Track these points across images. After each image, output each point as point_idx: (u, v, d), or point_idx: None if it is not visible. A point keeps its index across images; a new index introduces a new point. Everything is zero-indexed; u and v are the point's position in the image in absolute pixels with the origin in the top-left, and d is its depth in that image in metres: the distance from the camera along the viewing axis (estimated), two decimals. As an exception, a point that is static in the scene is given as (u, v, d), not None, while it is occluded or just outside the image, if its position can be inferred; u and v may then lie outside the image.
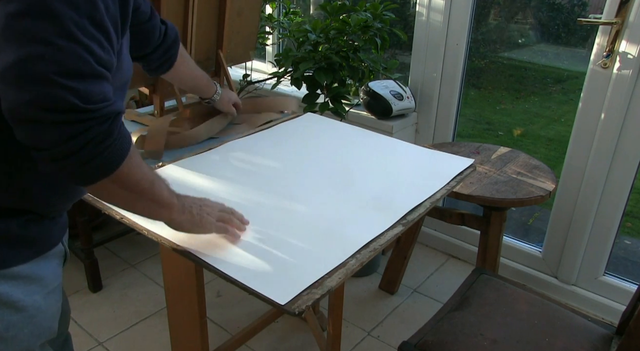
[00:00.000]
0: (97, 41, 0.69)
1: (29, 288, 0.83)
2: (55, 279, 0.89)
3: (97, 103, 0.70)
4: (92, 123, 0.70)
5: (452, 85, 2.15)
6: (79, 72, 0.67)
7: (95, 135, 0.70)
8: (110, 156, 0.73)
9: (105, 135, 0.71)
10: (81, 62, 0.67)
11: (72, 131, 0.68)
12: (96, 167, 0.73)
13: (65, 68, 0.66)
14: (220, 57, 1.77)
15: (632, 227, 2.54)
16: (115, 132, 0.73)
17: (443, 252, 2.41)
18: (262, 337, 1.85)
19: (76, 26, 0.67)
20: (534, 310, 1.31)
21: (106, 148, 0.72)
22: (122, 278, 2.18)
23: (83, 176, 0.73)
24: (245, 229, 0.99)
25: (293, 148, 1.36)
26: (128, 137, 0.77)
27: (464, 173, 1.28)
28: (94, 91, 0.69)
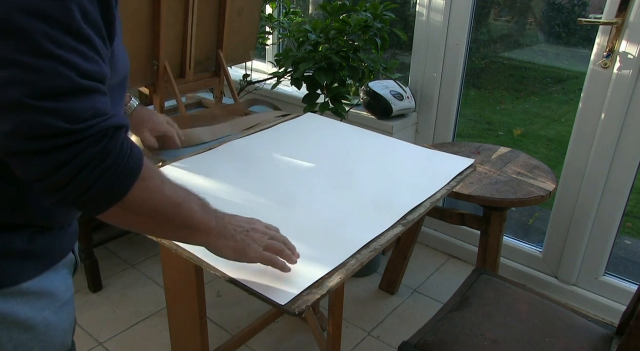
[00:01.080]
0: (79, 52, 0.61)
1: (39, 303, 0.77)
2: (67, 291, 0.84)
3: (87, 121, 0.61)
4: (84, 145, 0.61)
5: (452, 85, 2.15)
6: (58, 90, 0.59)
7: (91, 157, 0.62)
8: (113, 180, 0.64)
9: (102, 156, 0.62)
10: (60, 79, 0.59)
11: (62, 157, 0.60)
12: (99, 195, 0.64)
13: (40, 88, 0.58)
14: (220, 57, 1.77)
15: (632, 227, 2.54)
16: (115, 151, 0.64)
17: (443, 252, 2.41)
18: (262, 337, 1.85)
19: (48, 39, 0.58)
20: (534, 310, 1.31)
21: (106, 171, 0.63)
22: (122, 278, 2.18)
23: (88, 206, 0.65)
24: (296, 262, 0.89)
25: (293, 149, 1.36)
26: (137, 155, 0.67)
27: (464, 173, 1.28)
28: (81, 108, 0.61)
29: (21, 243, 0.74)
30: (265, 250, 0.85)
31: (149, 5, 1.51)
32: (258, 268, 0.88)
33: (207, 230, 0.79)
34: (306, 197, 1.12)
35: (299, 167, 1.26)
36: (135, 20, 1.49)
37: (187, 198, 0.76)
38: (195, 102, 1.94)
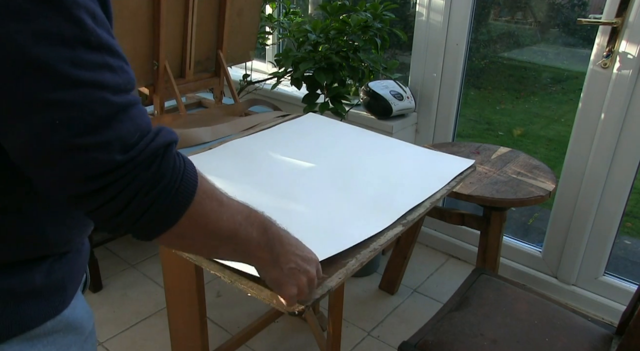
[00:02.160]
0: (106, 66, 0.54)
1: (65, 341, 0.71)
2: (90, 319, 0.77)
3: (136, 145, 0.55)
4: (137, 171, 0.55)
5: (452, 85, 2.15)
6: (100, 119, 0.52)
7: (143, 183, 0.55)
8: (167, 202, 0.57)
9: (155, 180, 0.56)
10: (99, 105, 0.52)
11: (117, 188, 0.54)
12: (154, 219, 0.58)
13: (83, 124, 0.51)
14: (220, 57, 1.77)
15: (632, 227, 2.54)
16: (168, 172, 0.57)
17: (443, 252, 2.41)
18: (262, 337, 1.85)
19: (72, 64, 0.50)
20: (534, 310, 1.31)
21: (160, 195, 0.56)
22: (122, 278, 2.18)
23: (142, 232, 0.59)
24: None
25: (294, 148, 1.36)
26: (191, 172, 0.60)
27: (464, 174, 1.28)
28: (127, 132, 0.54)
29: (42, 278, 0.66)
30: (298, 294, 0.78)
31: (149, 5, 1.51)
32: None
33: (258, 259, 0.73)
34: (306, 197, 1.12)
35: (300, 167, 1.26)
36: (135, 20, 1.49)
37: (245, 222, 0.68)
38: (195, 102, 1.94)
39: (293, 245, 0.76)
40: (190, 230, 0.61)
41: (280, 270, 0.75)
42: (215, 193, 0.64)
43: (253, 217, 0.70)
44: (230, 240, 0.67)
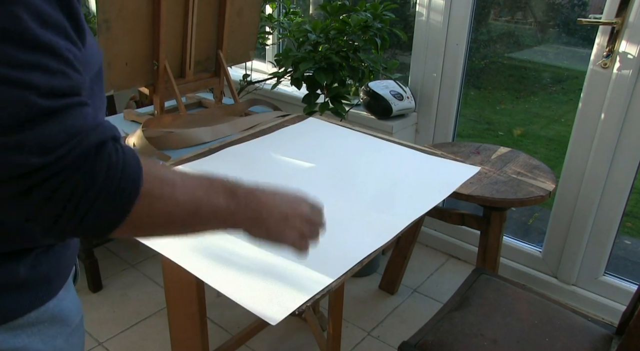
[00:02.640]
0: (38, 67, 0.52)
1: (50, 332, 0.71)
2: (78, 313, 0.78)
3: (60, 147, 0.52)
4: (64, 175, 0.53)
5: (452, 85, 2.15)
6: (18, 120, 0.50)
7: (74, 186, 0.53)
8: (108, 202, 0.56)
9: (88, 181, 0.54)
10: (19, 106, 0.50)
11: (43, 193, 0.53)
12: (98, 221, 0.56)
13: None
14: (220, 57, 1.77)
15: (632, 227, 2.54)
16: (102, 171, 0.55)
17: (443, 252, 2.41)
18: (262, 337, 1.85)
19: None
20: (534, 310, 1.31)
21: (98, 196, 0.55)
22: (122, 278, 2.18)
23: (91, 233, 0.58)
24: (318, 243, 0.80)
25: (295, 156, 1.34)
26: (132, 167, 0.58)
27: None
28: (49, 135, 0.52)
29: (26, 271, 0.66)
30: (301, 238, 0.75)
31: (149, 5, 1.51)
32: (253, 284, 0.87)
33: (234, 222, 0.69)
34: None
35: (301, 175, 1.25)
36: (135, 21, 1.50)
37: (207, 194, 0.65)
38: (195, 102, 1.94)
39: (272, 194, 0.72)
40: (146, 219, 0.60)
41: (267, 224, 0.71)
42: (165, 178, 0.62)
43: (216, 186, 0.67)
44: (195, 216, 0.64)
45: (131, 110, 1.77)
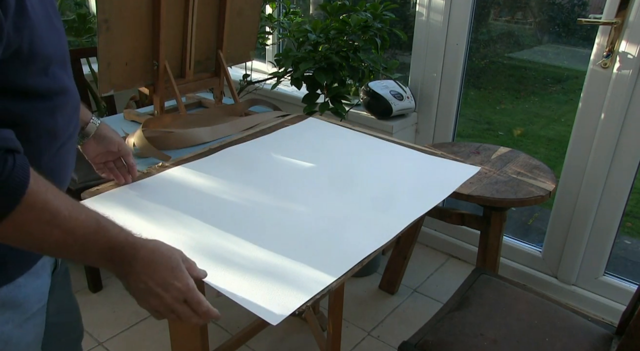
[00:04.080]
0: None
1: (1, 317, 0.72)
2: (39, 300, 0.78)
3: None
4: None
5: (452, 85, 2.15)
6: None
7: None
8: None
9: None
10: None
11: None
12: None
13: None
14: (220, 57, 1.77)
15: (632, 227, 2.54)
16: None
17: (443, 252, 2.41)
18: (262, 337, 1.85)
19: None
20: (534, 310, 1.31)
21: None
22: (122, 278, 2.18)
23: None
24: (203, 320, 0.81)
25: (295, 156, 1.33)
26: (13, 186, 0.59)
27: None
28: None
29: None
30: (157, 312, 0.77)
31: (149, 5, 1.51)
32: (254, 285, 0.87)
33: (105, 268, 0.73)
34: (308, 207, 1.10)
35: (302, 176, 1.25)
36: (135, 20, 1.50)
37: (86, 238, 0.67)
38: (195, 102, 1.94)
39: (151, 268, 0.73)
40: (12, 236, 0.62)
41: (128, 285, 0.74)
42: (49, 205, 0.63)
43: (101, 234, 0.69)
44: (63, 250, 0.67)
45: (131, 110, 1.77)
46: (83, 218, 0.67)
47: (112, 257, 0.71)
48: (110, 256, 0.71)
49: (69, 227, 0.65)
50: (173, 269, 0.75)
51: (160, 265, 0.74)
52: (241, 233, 0.99)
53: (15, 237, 0.62)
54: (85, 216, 0.68)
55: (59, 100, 0.73)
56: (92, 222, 0.69)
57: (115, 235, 0.71)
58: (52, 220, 0.63)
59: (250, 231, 1.00)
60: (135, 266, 0.72)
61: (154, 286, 0.73)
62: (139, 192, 1.09)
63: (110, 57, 1.49)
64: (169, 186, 1.14)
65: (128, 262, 0.72)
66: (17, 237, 0.62)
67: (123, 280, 0.74)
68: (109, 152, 1.04)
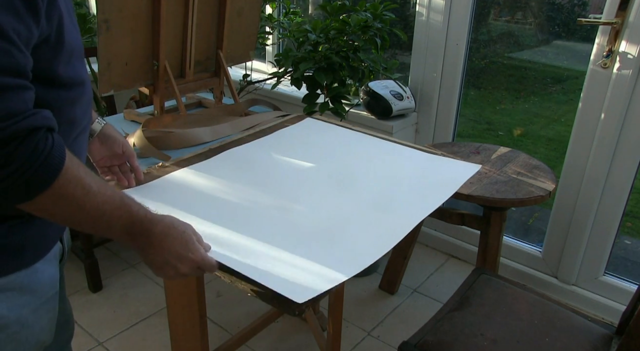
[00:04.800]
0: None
1: (19, 301, 0.76)
2: (53, 286, 0.82)
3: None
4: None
5: (452, 85, 2.15)
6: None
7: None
8: (17, 185, 0.61)
9: (6, 161, 0.60)
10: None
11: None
12: (5, 195, 0.63)
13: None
14: (220, 57, 1.77)
15: (632, 227, 2.54)
16: (22, 156, 0.60)
17: (443, 252, 2.41)
18: (262, 337, 1.85)
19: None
20: (534, 310, 1.31)
21: (9, 176, 0.61)
22: (122, 278, 2.18)
23: (1, 197, 0.63)
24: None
25: (296, 157, 1.33)
26: (54, 160, 0.64)
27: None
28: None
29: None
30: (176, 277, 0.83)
31: (149, 5, 1.51)
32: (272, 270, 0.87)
33: (125, 243, 0.79)
34: (313, 208, 1.09)
35: (303, 176, 1.24)
36: (135, 21, 1.49)
37: (111, 213, 0.73)
38: (195, 102, 1.94)
39: (167, 242, 0.79)
40: (51, 207, 0.67)
41: (146, 257, 0.80)
42: (83, 181, 0.69)
43: (124, 210, 0.75)
44: (92, 223, 0.73)
45: (131, 110, 1.77)
46: (109, 194, 0.73)
47: (133, 231, 0.77)
48: (131, 230, 0.77)
49: (98, 201, 0.71)
50: (187, 242, 0.82)
51: (175, 239, 0.80)
52: (252, 233, 0.99)
53: (52, 209, 0.68)
54: (111, 192, 0.74)
55: (78, 91, 0.77)
56: (117, 197, 0.75)
57: (136, 211, 0.77)
58: (85, 194, 0.69)
59: (262, 231, 0.99)
60: (154, 241, 0.78)
61: (170, 259, 0.80)
62: (140, 196, 1.09)
63: (110, 57, 1.49)
64: (170, 189, 1.14)
65: (147, 236, 0.78)
66: (55, 208, 0.68)
67: (141, 253, 0.80)
68: (113, 155, 1.06)
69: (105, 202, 0.72)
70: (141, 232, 0.78)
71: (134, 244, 0.79)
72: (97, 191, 0.71)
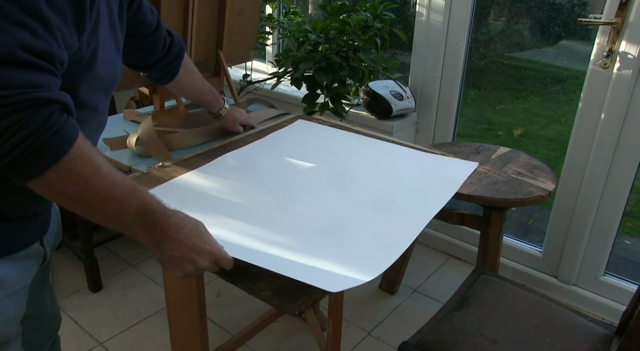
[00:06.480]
0: (29, 28, 0.63)
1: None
2: (20, 280, 0.84)
3: (16, 89, 0.62)
4: (6, 110, 0.61)
5: (452, 85, 2.15)
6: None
7: (9, 124, 0.61)
8: (29, 153, 0.63)
9: (21, 125, 0.62)
10: (1, 48, 0.61)
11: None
12: (16, 165, 0.64)
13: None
14: (220, 57, 1.77)
15: (632, 227, 2.54)
16: (35, 122, 0.63)
17: (443, 252, 2.41)
18: (262, 337, 1.85)
19: (0, 12, 0.61)
20: (534, 310, 1.31)
21: (23, 141, 0.62)
22: (122, 278, 2.18)
23: (9, 173, 0.65)
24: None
25: (297, 157, 1.32)
26: (67, 134, 0.66)
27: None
28: (13, 77, 0.62)
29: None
30: (184, 276, 0.81)
31: (149, 5, 1.50)
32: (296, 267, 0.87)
33: (136, 236, 0.77)
34: (319, 214, 1.08)
35: (304, 177, 1.24)
36: (135, 20, 1.49)
37: (123, 198, 0.73)
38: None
39: (183, 234, 0.77)
40: (59, 183, 0.67)
41: (161, 253, 0.78)
42: (93, 160, 0.69)
43: (136, 195, 0.74)
44: (101, 207, 0.72)
45: (131, 110, 1.77)
46: (120, 178, 0.73)
47: (146, 222, 0.75)
48: (143, 220, 0.75)
49: (108, 183, 0.71)
50: (203, 234, 0.80)
51: (191, 231, 0.79)
52: (264, 237, 0.98)
53: (60, 185, 0.67)
54: (122, 177, 0.73)
55: (87, 114, 0.80)
56: (128, 183, 0.74)
57: (148, 200, 0.76)
58: (94, 174, 0.69)
59: (273, 235, 0.99)
60: (169, 233, 0.76)
61: (188, 253, 0.78)
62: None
63: (110, 57, 1.48)
64: (171, 192, 1.13)
65: (161, 228, 0.76)
66: (63, 185, 0.67)
67: (155, 247, 0.78)
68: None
69: (115, 186, 0.72)
70: (155, 223, 0.76)
71: (148, 236, 0.76)
72: (107, 172, 0.71)
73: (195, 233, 0.79)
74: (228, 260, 0.83)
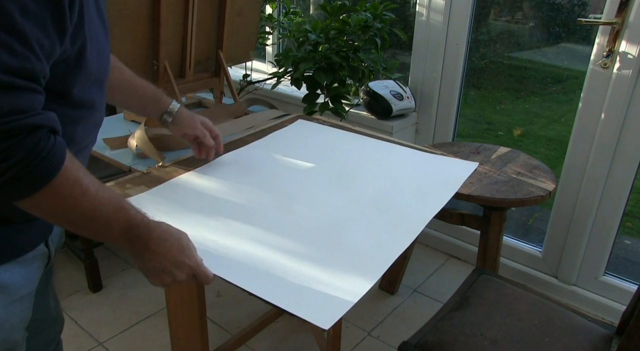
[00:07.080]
0: (6, 46, 0.61)
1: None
2: (27, 286, 0.83)
3: (3, 117, 0.61)
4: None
5: (452, 85, 2.15)
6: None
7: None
8: (15, 180, 0.63)
9: (7, 154, 0.62)
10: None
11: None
12: (4, 190, 0.64)
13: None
14: (220, 57, 1.77)
15: (632, 227, 2.54)
16: (22, 151, 0.63)
17: (443, 252, 2.41)
18: (262, 337, 1.85)
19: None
20: (534, 310, 1.31)
21: (9, 170, 0.62)
22: (122, 278, 2.18)
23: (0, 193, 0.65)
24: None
25: (297, 158, 1.32)
26: (54, 159, 0.66)
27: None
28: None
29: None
30: (163, 285, 0.84)
31: (149, 5, 1.51)
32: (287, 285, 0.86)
33: (121, 247, 0.79)
34: (317, 215, 1.08)
35: (305, 177, 1.23)
36: (135, 21, 1.49)
37: (109, 216, 0.75)
38: (195, 102, 1.94)
39: (164, 248, 0.80)
40: (47, 204, 0.69)
41: (143, 263, 0.81)
42: (81, 181, 0.71)
43: (122, 212, 0.77)
44: (88, 224, 0.74)
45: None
46: (107, 197, 0.75)
47: (130, 236, 0.78)
48: (128, 235, 0.78)
49: (95, 203, 0.73)
50: (184, 248, 0.82)
51: (172, 244, 0.81)
52: (259, 242, 0.98)
53: (49, 206, 0.69)
54: (109, 195, 0.75)
55: (84, 112, 0.80)
56: (115, 201, 0.76)
57: (134, 215, 0.78)
58: (82, 194, 0.71)
59: (270, 239, 0.99)
60: (151, 246, 0.79)
61: (167, 265, 0.80)
62: (146, 200, 1.09)
63: (110, 57, 1.48)
64: (171, 192, 1.13)
65: (144, 241, 0.79)
66: (51, 206, 0.69)
67: (137, 258, 0.81)
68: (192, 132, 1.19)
69: (102, 204, 0.74)
70: (138, 237, 0.78)
71: (132, 249, 0.79)
72: (94, 193, 0.72)
73: (176, 247, 0.81)
74: (206, 275, 0.85)
